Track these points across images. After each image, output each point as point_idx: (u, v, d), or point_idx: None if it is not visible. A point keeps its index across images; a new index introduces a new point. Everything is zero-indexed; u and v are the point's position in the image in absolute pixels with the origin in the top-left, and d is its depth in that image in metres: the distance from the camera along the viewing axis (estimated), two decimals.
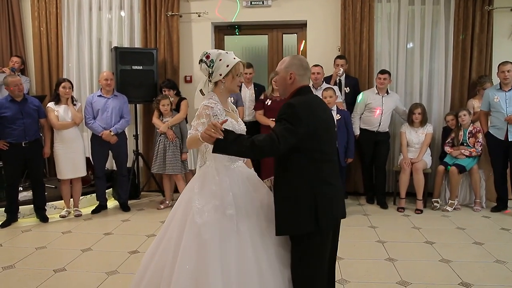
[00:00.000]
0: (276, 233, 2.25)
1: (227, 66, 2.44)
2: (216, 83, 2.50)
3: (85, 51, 6.28)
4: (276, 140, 2.08)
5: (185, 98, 5.67)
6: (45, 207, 5.08)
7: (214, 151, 2.18)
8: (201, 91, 2.53)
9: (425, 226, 4.77)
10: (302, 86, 2.31)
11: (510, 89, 4.99)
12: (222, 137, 2.10)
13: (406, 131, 5.54)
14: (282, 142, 2.09)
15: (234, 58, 2.47)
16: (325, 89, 5.12)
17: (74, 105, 5.12)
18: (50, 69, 6.28)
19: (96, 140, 5.24)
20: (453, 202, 5.36)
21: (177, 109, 5.54)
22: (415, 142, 5.48)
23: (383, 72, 5.46)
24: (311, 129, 2.15)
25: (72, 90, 5.13)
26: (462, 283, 3.34)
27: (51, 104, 5.03)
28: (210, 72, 2.47)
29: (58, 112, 4.98)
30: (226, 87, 2.49)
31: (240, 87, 5.79)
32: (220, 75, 2.45)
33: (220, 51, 2.49)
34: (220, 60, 2.44)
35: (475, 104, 5.61)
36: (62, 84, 4.99)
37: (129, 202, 5.58)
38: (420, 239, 4.33)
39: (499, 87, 5.08)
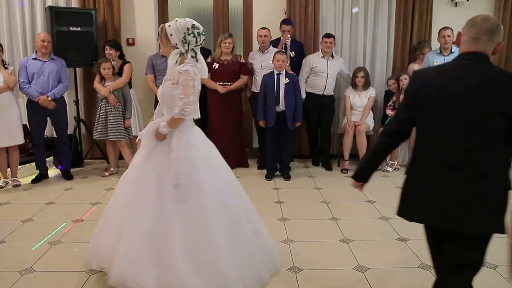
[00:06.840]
0: None
1: None
2: None
3: (16, 10, 5.80)
4: None
5: (128, 62, 5.45)
6: None
7: None
8: None
9: (366, 186, 4.93)
10: None
11: (449, 54, 5.20)
12: None
13: (349, 94, 5.67)
14: None
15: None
16: (279, 53, 5.02)
17: (6, 68, 4.78)
18: None
19: (32, 105, 4.95)
20: (393, 162, 5.62)
21: (120, 73, 5.33)
22: (359, 105, 5.63)
23: (328, 35, 5.49)
24: None
25: (2, 53, 4.78)
26: (399, 238, 3.55)
27: None
28: None
29: None
30: None
31: None
32: None
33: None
34: None
35: (415, 68, 5.81)
36: None
37: (72, 170, 5.40)
38: (362, 199, 4.52)
39: (439, 52, 5.28)
